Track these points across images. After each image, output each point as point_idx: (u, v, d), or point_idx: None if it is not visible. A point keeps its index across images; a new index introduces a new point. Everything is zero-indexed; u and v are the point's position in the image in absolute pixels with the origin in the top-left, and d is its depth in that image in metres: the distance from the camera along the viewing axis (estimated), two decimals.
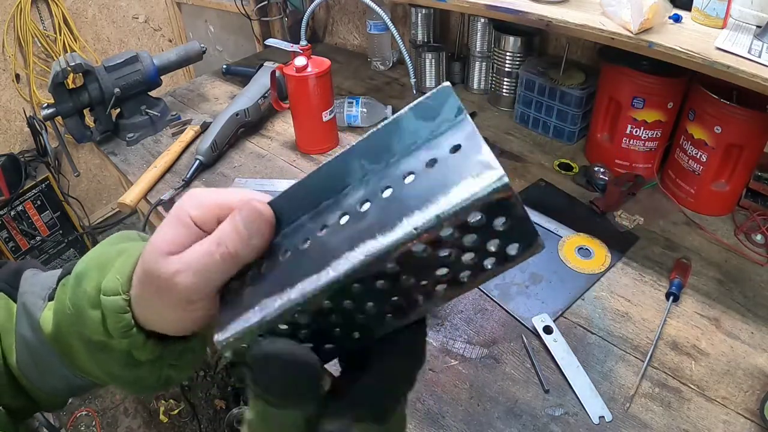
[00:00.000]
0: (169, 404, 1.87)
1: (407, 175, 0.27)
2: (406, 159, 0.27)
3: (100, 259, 0.34)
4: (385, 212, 0.26)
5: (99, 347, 0.33)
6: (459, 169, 0.25)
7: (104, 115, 1.21)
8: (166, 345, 0.34)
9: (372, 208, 0.27)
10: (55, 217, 2.16)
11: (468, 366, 0.70)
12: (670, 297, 0.76)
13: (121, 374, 0.35)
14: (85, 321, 0.32)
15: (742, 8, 0.80)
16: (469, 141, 0.25)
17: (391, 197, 0.27)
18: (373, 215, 0.27)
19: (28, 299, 0.38)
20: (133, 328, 0.32)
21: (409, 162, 0.27)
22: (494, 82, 1.30)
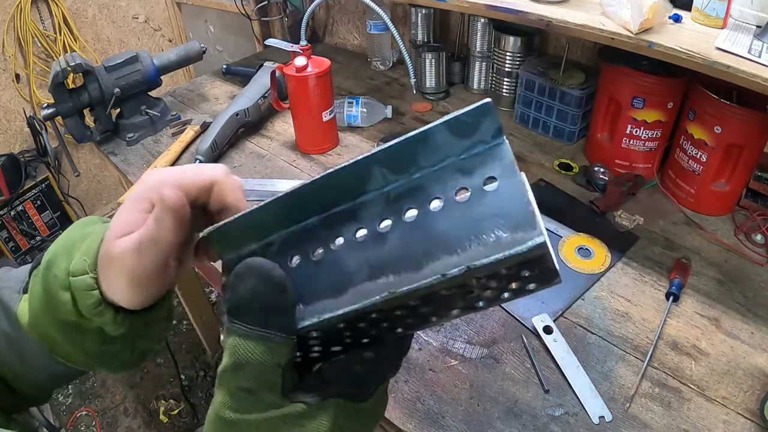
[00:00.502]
0: (169, 404, 1.88)
1: (434, 199, 0.25)
2: (434, 179, 0.25)
3: (66, 245, 0.35)
4: (409, 244, 0.25)
5: (73, 327, 0.35)
6: (494, 213, 0.23)
7: (104, 115, 1.21)
8: (134, 318, 0.35)
9: (394, 233, 0.25)
10: (55, 217, 2.17)
11: (468, 366, 0.70)
12: (670, 297, 0.76)
13: (97, 352, 0.36)
14: (57, 304, 0.34)
15: (742, 8, 0.80)
16: (507, 178, 0.24)
17: (416, 225, 0.25)
18: (395, 243, 0.25)
19: (4, 294, 0.39)
20: (101, 305, 0.33)
21: (437, 184, 0.25)
22: (494, 82, 1.30)
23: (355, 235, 0.27)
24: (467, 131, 0.25)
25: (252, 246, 0.32)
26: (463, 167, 0.25)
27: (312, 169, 1.12)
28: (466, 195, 0.24)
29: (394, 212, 0.26)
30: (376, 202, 0.27)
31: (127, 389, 1.95)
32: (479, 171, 0.24)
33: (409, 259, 0.24)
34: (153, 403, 1.89)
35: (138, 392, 1.93)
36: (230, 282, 0.28)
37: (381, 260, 0.25)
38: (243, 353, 0.27)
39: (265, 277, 0.27)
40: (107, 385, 1.97)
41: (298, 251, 0.29)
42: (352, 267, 0.26)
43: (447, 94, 1.39)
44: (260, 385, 0.27)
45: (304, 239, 0.29)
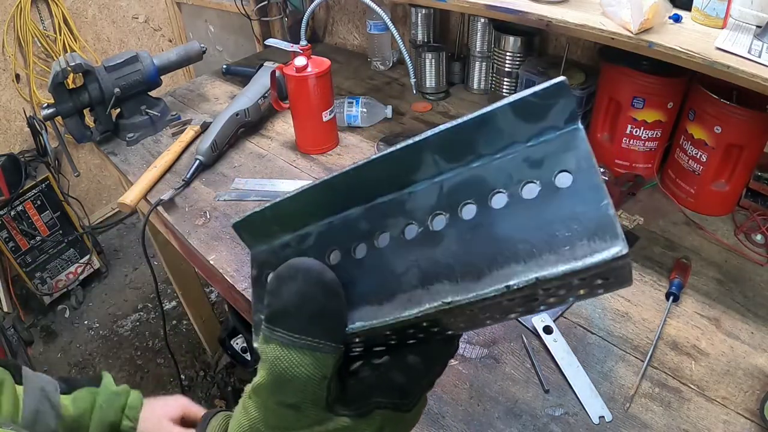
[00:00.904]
0: None
1: (496, 193, 0.22)
2: (495, 169, 0.22)
3: None
4: (468, 247, 0.22)
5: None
6: (568, 215, 0.20)
7: (104, 115, 1.21)
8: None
9: (449, 232, 0.22)
10: (55, 217, 2.16)
11: (468, 366, 0.70)
12: (670, 297, 0.76)
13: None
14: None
15: (742, 8, 0.80)
16: (583, 173, 0.20)
17: (475, 224, 0.22)
18: (451, 244, 0.22)
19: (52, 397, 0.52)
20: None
21: (499, 175, 0.22)
22: (494, 82, 1.30)
23: (403, 232, 0.24)
24: (536, 114, 0.21)
25: (285, 237, 0.29)
26: (531, 157, 0.21)
27: (312, 169, 1.12)
28: (534, 190, 0.21)
29: (449, 207, 0.23)
30: (427, 194, 0.24)
31: None
32: (550, 162, 0.21)
33: (468, 264, 0.21)
34: None
35: None
36: (272, 285, 0.25)
37: (435, 264, 0.22)
38: (287, 366, 0.24)
39: (314, 279, 0.24)
40: None
41: (338, 246, 0.26)
42: (400, 269, 0.23)
43: (447, 94, 1.39)
44: (304, 399, 0.25)
45: (344, 232, 0.26)
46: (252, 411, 0.26)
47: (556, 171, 0.21)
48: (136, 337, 2.16)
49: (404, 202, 0.24)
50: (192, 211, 1.01)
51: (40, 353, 2.11)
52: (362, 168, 0.25)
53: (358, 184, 0.25)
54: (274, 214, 0.28)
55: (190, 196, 1.05)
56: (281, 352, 0.24)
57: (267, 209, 0.28)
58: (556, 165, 0.21)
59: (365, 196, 0.25)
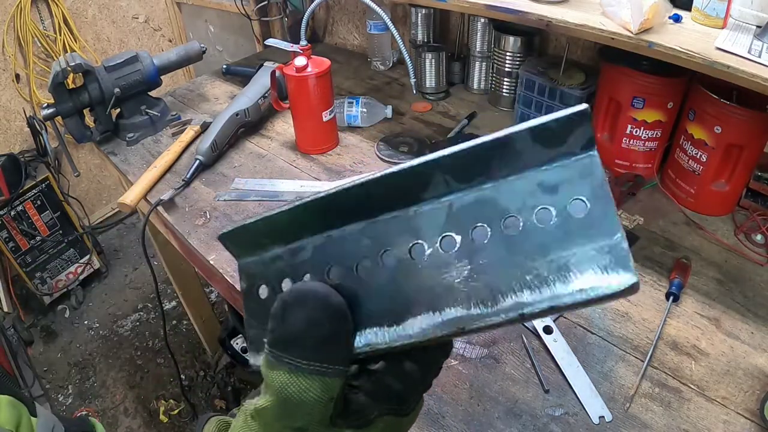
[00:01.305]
0: (169, 404, 1.88)
1: (509, 217, 0.21)
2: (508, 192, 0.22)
3: None
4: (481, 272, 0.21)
5: None
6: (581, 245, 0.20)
7: (104, 115, 1.21)
8: None
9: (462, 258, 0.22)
10: (55, 217, 2.16)
11: (468, 366, 0.70)
12: (670, 297, 0.76)
13: None
14: None
15: (742, 8, 0.80)
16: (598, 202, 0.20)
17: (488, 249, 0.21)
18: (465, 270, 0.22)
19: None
20: None
21: (513, 199, 0.21)
22: (494, 82, 1.30)
23: (410, 251, 0.23)
24: (555, 140, 0.21)
25: (276, 250, 0.28)
26: (545, 182, 0.21)
27: (312, 169, 1.12)
28: (549, 217, 0.21)
29: (459, 229, 0.22)
30: (435, 213, 0.23)
31: (127, 389, 1.95)
32: (565, 189, 0.21)
33: (483, 291, 0.21)
34: (153, 403, 1.89)
35: (138, 392, 1.93)
36: (277, 311, 0.24)
37: (446, 287, 0.22)
38: (295, 392, 0.24)
39: (322, 305, 0.24)
40: (107, 385, 1.97)
41: (338, 262, 0.25)
42: (409, 291, 0.23)
43: (447, 94, 1.39)
44: (311, 422, 0.24)
45: (344, 248, 0.25)
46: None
47: (571, 198, 0.21)
48: (136, 337, 2.16)
49: (410, 219, 0.24)
50: (192, 211, 1.01)
51: (40, 353, 2.11)
52: (368, 184, 0.24)
53: (361, 200, 0.24)
54: (267, 227, 0.27)
55: (190, 196, 1.05)
56: (289, 378, 0.24)
57: (260, 221, 0.27)
58: (571, 192, 0.21)
59: (367, 211, 0.25)
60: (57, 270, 2.22)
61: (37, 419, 0.50)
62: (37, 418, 0.50)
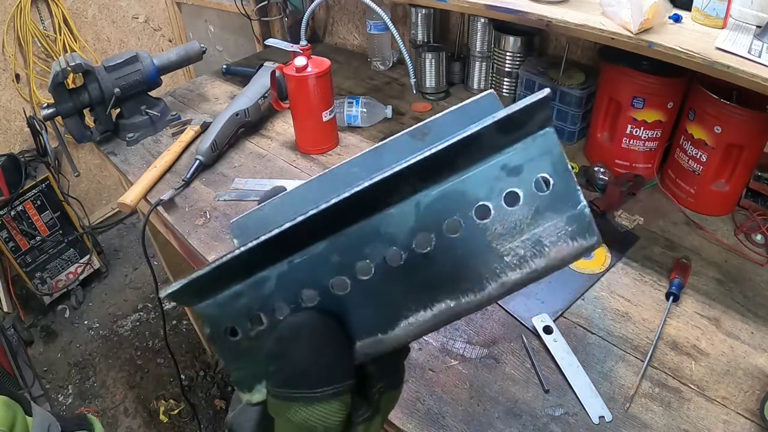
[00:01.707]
0: (169, 404, 1.88)
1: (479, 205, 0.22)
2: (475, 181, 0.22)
3: None
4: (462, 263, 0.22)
5: None
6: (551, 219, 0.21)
7: (104, 115, 1.21)
8: None
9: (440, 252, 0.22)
10: (55, 217, 2.16)
11: (468, 366, 0.70)
12: (670, 297, 0.76)
13: None
14: None
15: (742, 8, 0.80)
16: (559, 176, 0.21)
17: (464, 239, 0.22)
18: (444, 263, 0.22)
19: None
20: None
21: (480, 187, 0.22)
22: (494, 82, 1.30)
23: (386, 259, 0.23)
24: (517, 127, 0.21)
25: (234, 287, 0.26)
26: (509, 164, 0.22)
27: (312, 169, 1.12)
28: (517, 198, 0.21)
29: (432, 226, 0.22)
30: (403, 215, 0.23)
31: (127, 389, 1.95)
32: (528, 168, 0.21)
33: (467, 280, 0.22)
34: (153, 403, 1.89)
35: (138, 392, 1.93)
36: (275, 349, 0.24)
37: (432, 285, 0.22)
38: (317, 421, 0.24)
39: (320, 332, 0.24)
40: (107, 385, 1.97)
41: (311, 285, 0.25)
42: (395, 297, 0.23)
43: (447, 94, 1.39)
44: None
45: (312, 270, 0.24)
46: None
47: (535, 176, 0.21)
48: (136, 337, 2.16)
49: (378, 226, 0.23)
50: (192, 211, 1.01)
51: (40, 353, 2.11)
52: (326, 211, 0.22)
53: (319, 224, 0.23)
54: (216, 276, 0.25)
55: (190, 196, 1.05)
56: (308, 411, 0.24)
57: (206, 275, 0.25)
58: (534, 170, 0.21)
59: (329, 230, 0.24)
60: (57, 270, 2.22)
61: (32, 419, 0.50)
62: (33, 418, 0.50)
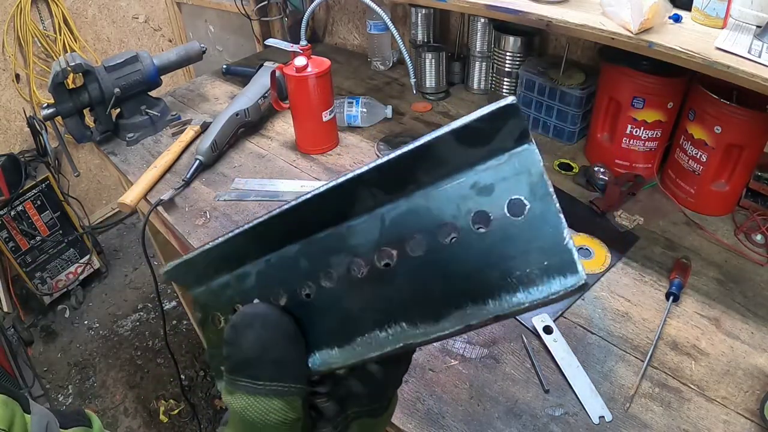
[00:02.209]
0: (169, 404, 1.88)
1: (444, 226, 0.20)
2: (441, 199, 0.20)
3: None
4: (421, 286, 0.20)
5: None
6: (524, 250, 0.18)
7: (104, 115, 1.21)
8: None
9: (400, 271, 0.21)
10: (55, 217, 2.16)
11: (468, 366, 0.70)
12: (670, 297, 0.76)
13: None
14: None
15: (742, 8, 0.80)
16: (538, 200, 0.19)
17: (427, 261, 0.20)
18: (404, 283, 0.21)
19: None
20: None
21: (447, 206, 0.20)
22: (494, 82, 1.30)
23: (349, 269, 0.23)
24: (481, 139, 0.19)
25: (223, 278, 0.27)
26: (479, 183, 0.20)
27: (312, 169, 1.12)
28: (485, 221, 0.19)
29: (395, 242, 0.21)
30: (368, 228, 0.22)
31: (127, 389, 1.95)
32: (501, 189, 0.19)
33: (425, 305, 0.20)
34: (153, 403, 1.89)
35: (138, 392, 1.93)
36: (229, 335, 0.25)
37: (390, 305, 0.21)
38: (257, 414, 0.24)
39: (272, 325, 0.24)
40: (107, 385, 1.97)
41: (282, 286, 0.25)
42: (354, 310, 0.23)
43: (447, 94, 1.39)
44: None
45: (284, 271, 0.25)
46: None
47: (508, 198, 0.19)
48: (136, 337, 2.16)
49: (344, 236, 0.23)
50: (192, 211, 1.01)
51: (40, 353, 2.11)
52: (292, 208, 0.23)
53: (291, 224, 0.24)
54: (206, 259, 0.27)
55: (190, 196, 1.05)
56: (249, 401, 0.24)
57: (198, 255, 0.27)
58: (507, 192, 0.19)
59: (301, 232, 0.24)
60: (57, 270, 2.22)
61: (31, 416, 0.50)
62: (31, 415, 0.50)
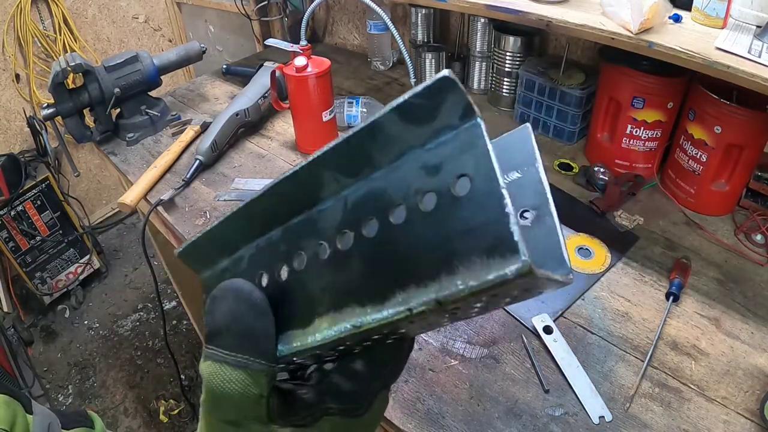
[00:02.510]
0: (169, 404, 1.88)
1: (395, 207, 0.20)
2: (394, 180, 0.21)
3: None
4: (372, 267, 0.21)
5: None
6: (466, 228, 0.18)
7: (104, 115, 1.21)
8: None
9: (355, 251, 0.22)
10: (55, 217, 2.16)
11: (468, 366, 0.70)
12: (670, 297, 0.76)
13: None
14: None
15: (742, 8, 0.80)
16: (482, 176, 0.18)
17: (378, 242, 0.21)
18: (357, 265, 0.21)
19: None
20: None
21: (399, 186, 0.20)
22: (494, 82, 1.30)
23: (317, 252, 0.23)
24: (425, 116, 0.20)
25: (224, 262, 0.29)
26: (428, 162, 0.20)
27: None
28: (432, 201, 0.19)
29: (354, 224, 0.22)
30: (334, 211, 0.23)
31: (127, 389, 1.95)
32: (448, 168, 0.19)
33: (372, 287, 0.20)
34: (153, 403, 1.89)
35: (138, 392, 1.93)
36: (207, 306, 0.26)
37: (345, 286, 0.22)
38: (219, 382, 0.25)
39: (243, 299, 0.25)
40: (107, 385, 1.97)
41: (266, 269, 0.26)
42: (316, 292, 0.23)
43: None
44: (244, 416, 0.25)
45: (268, 255, 0.26)
46: (201, 429, 0.27)
47: (454, 176, 0.19)
48: (136, 337, 2.16)
49: (315, 220, 0.24)
50: (192, 211, 1.01)
51: (40, 353, 2.11)
52: (270, 191, 0.24)
53: (272, 206, 0.25)
54: (208, 241, 0.28)
55: (190, 196, 1.05)
56: (214, 368, 0.25)
57: (200, 237, 0.29)
58: (453, 170, 0.19)
59: (281, 217, 0.25)
60: (57, 270, 2.23)
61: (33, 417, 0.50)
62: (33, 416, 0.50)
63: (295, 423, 0.26)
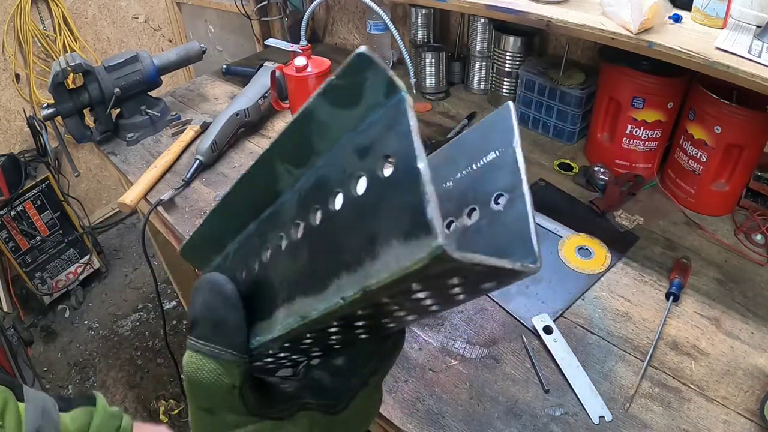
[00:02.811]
0: (169, 404, 1.88)
1: (335, 194, 0.20)
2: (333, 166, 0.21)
3: None
4: (315, 256, 0.21)
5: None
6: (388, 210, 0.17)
7: (104, 115, 1.21)
8: None
9: (305, 241, 0.22)
10: (55, 217, 2.16)
11: (468, 366, 0.70)
12: (670, 297, 0.76)
13: None
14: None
15: (742, 8, 0.80)
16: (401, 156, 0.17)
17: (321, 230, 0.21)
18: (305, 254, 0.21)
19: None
20: None
21: (338, 171, 0.20)
22: (494, 82, 1.30)
23: (279, 245, 0.23)
24: (351, 97, 0.19)
25: (217, 259, 0.30)
26: (359, 145, 0.19)
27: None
28: (363, 184, 0.18)
29: (303, 215, 0.22)
30: (291, 203, 0.23)
31: (127, 389, 1.95)
32: (377, 148, 0.18)
33: (314, 276, 0.20)
34: (153, 403, 1.89)
35: (138, 392, 1.93)
36: (191, 297, 0.27)
37: (295, 277, 0.22)
38: (193, 369, 0.25)
39: (216, 291, 0.26)
40: (107, 385, 1.97)
41: (245, 263, 0.27)
42: (276, 284, 0.23)
43: (447, 94, 1.39)
44: (217, 405, 0.26)
45: (247, 249, 0.27)
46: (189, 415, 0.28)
47: (381, 156, 0.18)
48: (136, 337, 2.16)
49: (278, 213, 0.24)
50: (192, 211, 1.01)
51: (40, 353, 2.11)
52: (237, 186, 0.25)
53: (243, 201, 0.26)
54: (201, 238, 0.29)
55: (190, 196, 1.05)
56: (189, 356, 0.26)
57: (194, 235, 0.30)
58: (381, 150, 0.18)
59: (254, 211, 0.26)
60: (57, 270, 2.22)
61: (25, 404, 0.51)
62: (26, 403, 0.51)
63: (272, 416, 0.27)
